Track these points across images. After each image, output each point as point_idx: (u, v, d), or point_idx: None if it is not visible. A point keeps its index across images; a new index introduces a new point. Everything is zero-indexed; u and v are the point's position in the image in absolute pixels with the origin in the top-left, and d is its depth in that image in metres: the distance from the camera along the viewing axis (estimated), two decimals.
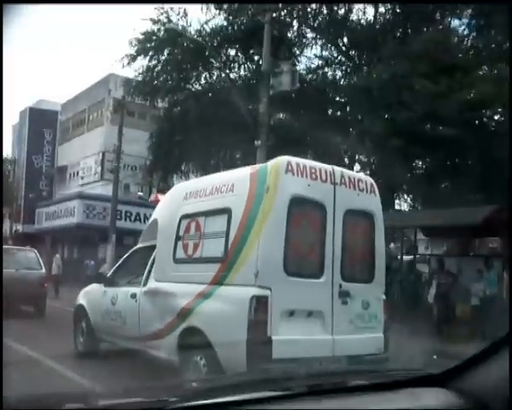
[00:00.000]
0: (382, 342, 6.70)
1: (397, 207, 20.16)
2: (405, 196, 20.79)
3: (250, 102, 18.44)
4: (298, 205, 6.15)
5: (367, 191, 6.82)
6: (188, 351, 6.43)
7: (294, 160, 6.33)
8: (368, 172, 19.54)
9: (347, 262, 6.48)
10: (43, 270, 15.47)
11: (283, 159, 6.31)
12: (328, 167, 6.55)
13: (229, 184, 6.60)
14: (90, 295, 9.37)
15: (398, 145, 14.67)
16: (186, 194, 7.40)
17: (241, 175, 6.72)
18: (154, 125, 25.60)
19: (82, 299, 9.44)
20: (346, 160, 19.73)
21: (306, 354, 5.86)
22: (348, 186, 6.59)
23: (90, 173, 34.21)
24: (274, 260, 5.95)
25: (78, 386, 6.62)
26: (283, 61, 17.38)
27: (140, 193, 31.41)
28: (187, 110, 19.75)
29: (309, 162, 6.59)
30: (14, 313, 13.44)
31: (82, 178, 35.15)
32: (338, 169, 6.70)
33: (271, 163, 6.42)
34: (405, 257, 17.55)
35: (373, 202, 6.91)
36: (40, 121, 39.20)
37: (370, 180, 7.11)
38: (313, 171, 6.31)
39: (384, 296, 6.95)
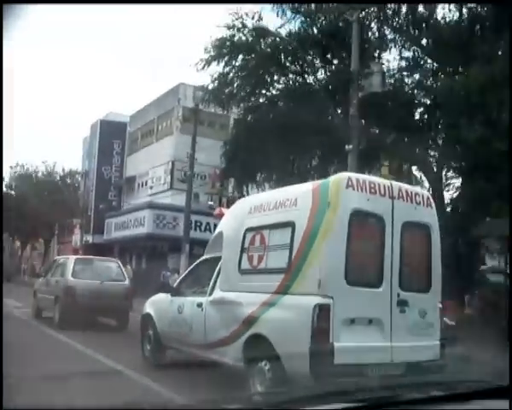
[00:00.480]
0: (438, 349, 7.27)
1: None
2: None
3: (331, 107, 18.75)
4: (358, 218, 6.84)
5: (424, 204, 7.44)
6: (253, 357, 7.14)
7: (354, 175, 7.12)
8: (460, 179, 19.52)
9: (405, 272, 7.09)
10: (127, 282, 15.77)
11: (344, 175, 7.13)
12: (387, 182, 7.24)
13: (293, 199, 7.32)
14: (156, 304, 10.20)
15: (503, 149, 14.57)
16: (250, 208, 8.17)
17: (303, 190, 7.43)
18: (223, 133, 26.31)
19: (149, 308, 10.28)
20: (434, 166, 19.65)
21: (366, 360, 6.49)
22: (406, 200, 7.22)
23: (159, 183, 35.03)
24: (336, 271, 6.62)
25: (156, 394, 7.39)
26: (373, 62, 17.49)
27: (210, 202, 32.06)
28: (263, 116, 20.23)
29: (368, 177, 7.33)
30: (95, 325, 14.37)
31: (151, 187, 36.07)
32: (396, 184, 7.38)
33: (332, 179, 7.19)
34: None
35: (429, 215, 7.53)
36: (110, 133, 40.89)
37: (427, 194, 7.84)
38: (372, 186, 6.98)
39: (440, 305, 7.51)
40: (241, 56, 19.73)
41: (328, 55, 20.28)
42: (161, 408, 2.54)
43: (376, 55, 19.92)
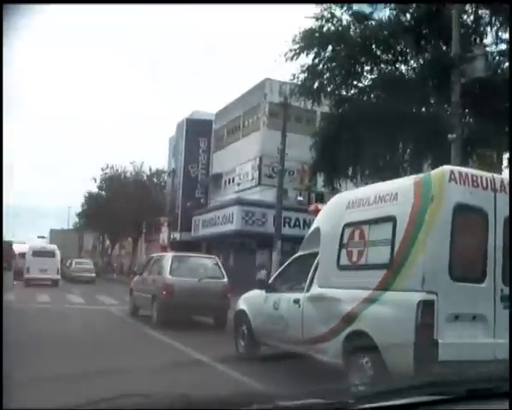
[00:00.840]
0: None
1: None
2: None
3: (426, 96, 18.45)
4: (461, 212, 6.86)
5: None
6: (353, 354, 7.32)
7: (457, 168, 7.17)
8: None
9: (508, 267, 7.01)
10: (226, 279, 15.54)
11: (446, 168, 7.15)
12: (489, 175, 7.22)
13: (393, 194, 7.42)
14: (250, 300, 10.59)
15: None
16: (349, 203, 8.29)
17: (404, 184, 7.53)
18: (310, 128, 26.32)
19: (243, 304, 10.70)
20: None
21: (470, 357, 6.52)
22: (508, 193, 7.16)
23: (247, 179, 35.56)
24: (440, 266, 6.70)
25: (250, 388, 7.62)
26: (475, 45, 17.07)
27: (300, 198, 32.30)
28: (353, 108, 20.06)
29: (470, 171, 7.32)
30: (193, 323, 14.85)
31: (238, 184, 36.64)
32: (498, 176, 7.37)
33: (435, 173, 7.27)
34: None
35: None
36: (195, 131, 41.86)
37: None
38: (474, 179, 7.01)
39: None
40: (330, 47, 19.69)
41: (422, 42, 19.92)
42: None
43: (473, 39, 19.41)
